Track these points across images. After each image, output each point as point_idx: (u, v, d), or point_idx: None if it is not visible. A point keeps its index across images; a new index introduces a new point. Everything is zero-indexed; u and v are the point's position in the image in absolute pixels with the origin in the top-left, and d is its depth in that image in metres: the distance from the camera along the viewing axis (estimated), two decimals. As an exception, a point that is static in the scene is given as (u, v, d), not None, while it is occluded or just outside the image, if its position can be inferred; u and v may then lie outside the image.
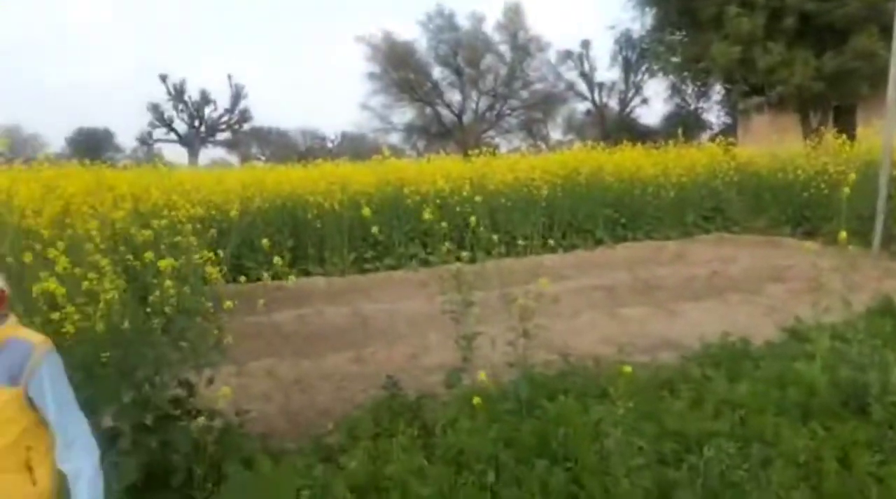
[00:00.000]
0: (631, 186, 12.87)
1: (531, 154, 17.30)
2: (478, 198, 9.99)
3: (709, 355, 5.31)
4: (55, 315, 3.24)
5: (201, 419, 3.49)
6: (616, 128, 33.50)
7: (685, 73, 20.40)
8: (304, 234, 10.45)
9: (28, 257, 3.74)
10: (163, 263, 3.62)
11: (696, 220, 13.26)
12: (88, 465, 2.04)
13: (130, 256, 4.22)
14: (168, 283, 3.52)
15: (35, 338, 1.99)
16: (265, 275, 8.86)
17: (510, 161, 13.67)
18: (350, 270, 10.45)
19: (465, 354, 4.62)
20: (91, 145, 38.34)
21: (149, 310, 3.54)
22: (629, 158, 13.51)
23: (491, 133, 39.17)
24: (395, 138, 39.11)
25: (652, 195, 12.85)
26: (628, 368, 3.93)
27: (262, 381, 5.89)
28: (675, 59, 19.70)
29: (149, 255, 3.63)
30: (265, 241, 4.28)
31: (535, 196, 11.79)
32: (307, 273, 10.18)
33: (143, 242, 5.04)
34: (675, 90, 26.88)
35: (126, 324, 3.46)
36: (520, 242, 10.23)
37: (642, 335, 6.75)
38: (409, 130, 39.40)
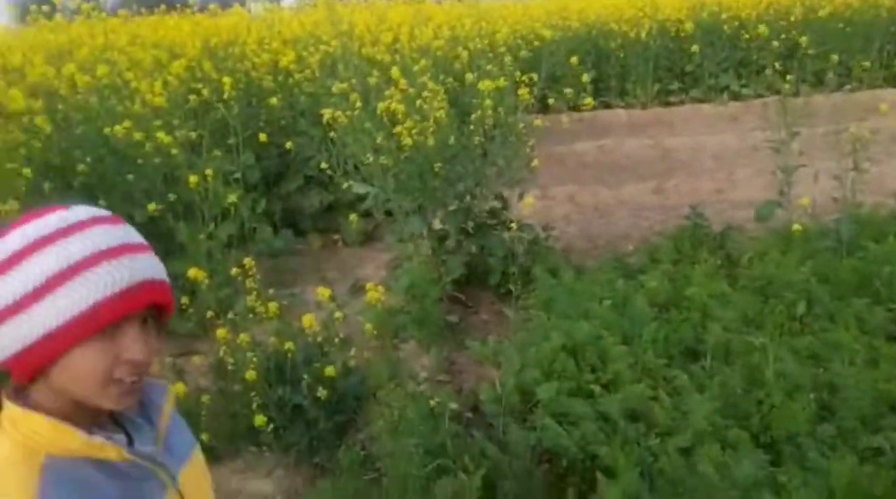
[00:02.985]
0: None
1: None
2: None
3: None
4: (397, 129, 3.72)
5: (514, 228, 3.84)
6: None
7: None
8: (605, 64, 10.19)
9: (373, 79, 4.26)
10: (482, 85, 3.89)
11: None
12: None
13: (451, 79, 4.59)
14: (487, 103, 3.79)
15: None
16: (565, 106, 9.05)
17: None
18: (653, 102, 10.07)
19: (781, 187, 4.34)
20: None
21: (471, 128, 3.87)
22: None
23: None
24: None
25: None
26: None
27: (564, 205, 6.20)
28: None
29: (469, 76, 3.92)
30: (574, 59, 4.31)
31: (880, 18, 9.96)
32: (608, 106, 10.04)
33: (461, 66, 5.39)
34: None
35: (452, 140, 3.85)
36: (856, 71, 8.88)
37: None
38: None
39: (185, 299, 3.66)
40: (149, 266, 0.96)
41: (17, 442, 0.95)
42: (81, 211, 0.97)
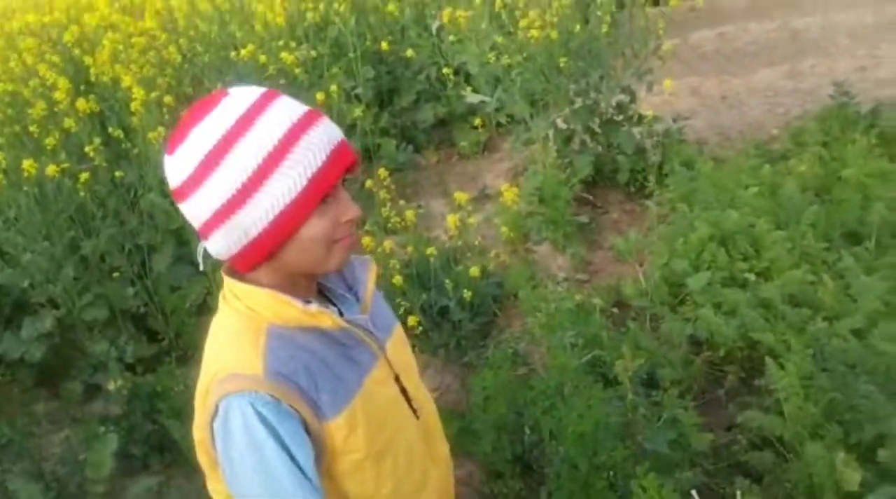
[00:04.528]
0: None
1: None
2: None
3: None
4: (521, 23, 3.58)
5: (648, 118, 3.67)
6: None
7: None
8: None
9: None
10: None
11: None
12: None
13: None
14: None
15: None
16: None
17: None
18: (775, -18, 9.23)
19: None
20: None
21: (598, 13, 3.68)
22: None
23: None
24: None
25: None
26: None
27: (687, 98, 5.86)
28: None
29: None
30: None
31: None
32: (725, -10, 9.29)
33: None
34: None
35: (577, 29, 3.68)
36: None
37: None
38: None
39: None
40: (335, 128, 0.98)
41: (241, 313, 1.01)
42: (245, 91, 0.97)
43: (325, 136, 0.95)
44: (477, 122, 4.48)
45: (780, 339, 2.41)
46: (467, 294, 3.15)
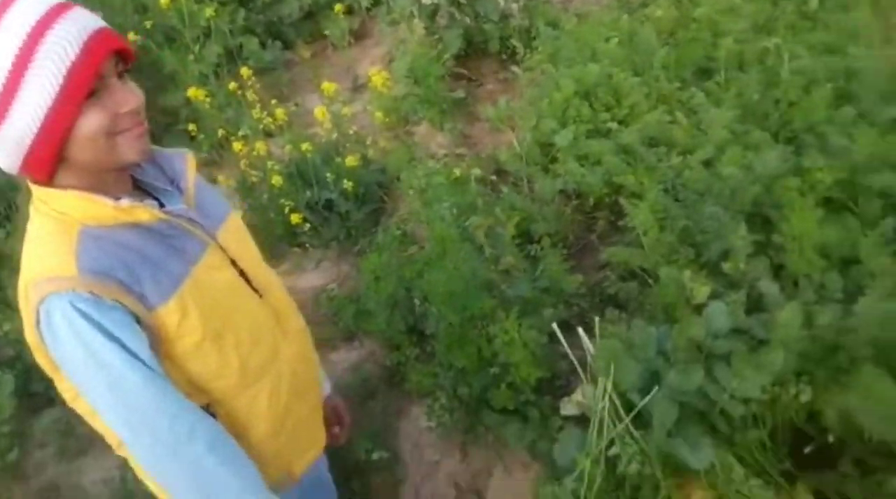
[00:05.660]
0: None
1: None
2: None
3: None
4: None
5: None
6: None
7: None
8: None
9: None
10: None
11: None
12: None
13: None
14: None
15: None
16: None
17: None
18: None
19: None
20: None
21: None
22: None
23: None
24: None
25: None
26: None
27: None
28: None
29: None
30: None
31: None
32: None
33: None
34: None
35: None
36: None
37: None
38: None
39: (192, 127, 3.64)
40: (89, 16, 0.95)
41: (52, 218, 1.00)
42: None
43: (74, 26, 0.92)
44: (339, 8, 4.31)
45: (639, 180, 2.54)
46: (348, 184, 3.16)
